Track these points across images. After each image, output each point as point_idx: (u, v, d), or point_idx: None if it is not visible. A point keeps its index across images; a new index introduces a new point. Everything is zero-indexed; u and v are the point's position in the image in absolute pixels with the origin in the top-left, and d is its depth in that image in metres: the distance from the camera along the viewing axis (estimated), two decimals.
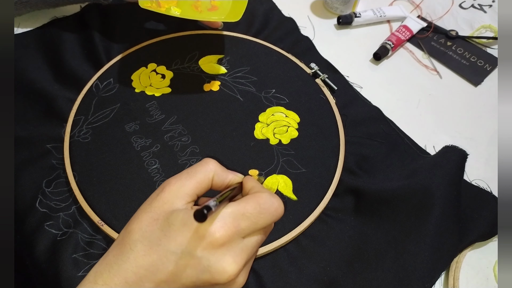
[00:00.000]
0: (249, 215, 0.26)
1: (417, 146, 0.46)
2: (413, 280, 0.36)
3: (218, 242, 0.25)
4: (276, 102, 0.47)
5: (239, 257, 0.26)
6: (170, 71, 0.49)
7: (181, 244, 0.25)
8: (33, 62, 0.50)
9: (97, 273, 0.26)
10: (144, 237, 0.26)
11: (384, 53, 0.55)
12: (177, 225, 0.25)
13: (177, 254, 0.25)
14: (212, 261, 0.25)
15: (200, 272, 0.25)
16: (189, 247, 0.25)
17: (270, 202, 0.27)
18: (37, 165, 0.41)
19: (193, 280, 0.25)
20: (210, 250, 0.25)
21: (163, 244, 0.25)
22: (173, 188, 0.27)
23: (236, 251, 0.26)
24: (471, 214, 0.41)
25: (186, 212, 0.26)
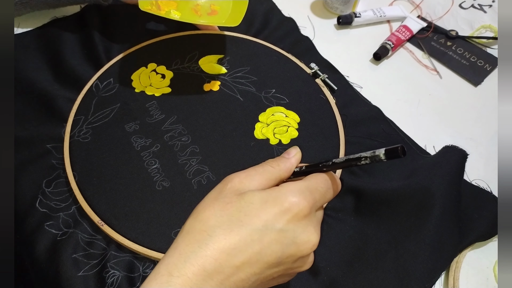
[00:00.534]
0: (321, 189, 0.28)
1: (417, 146, 0.46)
2: (413, 280, 0.36)
3: (302, 213, 0.26)
4: (276, 102, 0.47)
5: (318, 227, 0.27)
6: (170, 71, 0.49)
7: (266, 220, 0.25)
8: (33, 62, 0.50)
9: (169, 265, 0.24)
10: (221, 222, 0.25)
11: (384, 53, 0.55)
12: (257, 203, 0.25)
13: (262, 231, 0.25)
14: (298, 232, 0.26)
15: (285, 246, 0.25)
16: (274, 222, 0.25)
17: (334, 179, 0.29)
18: (37, 165, 0.41)
19: (278, 255, 0.25)
20: (295, 223, 0.25)
21: (245, 224, 0.25)
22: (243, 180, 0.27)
23: (315, 221, 0.27)
24: (471, 214, 0.41)
25: (261, 191, 0.26)
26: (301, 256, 0.26)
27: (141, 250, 0.36)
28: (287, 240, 0.25)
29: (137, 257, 0.37)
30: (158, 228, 0.37)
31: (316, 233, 0.27)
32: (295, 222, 0.25)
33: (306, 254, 0.26)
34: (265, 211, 0.25)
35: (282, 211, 0.25)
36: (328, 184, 0.29)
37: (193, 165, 0.41)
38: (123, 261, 0.36)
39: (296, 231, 0.25)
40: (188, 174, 0.41)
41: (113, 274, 0.35)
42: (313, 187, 0.27)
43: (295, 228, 0.25)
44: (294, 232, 0.25)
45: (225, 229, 0.25)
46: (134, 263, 0.36)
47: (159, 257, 0.35)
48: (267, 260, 0.25)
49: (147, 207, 0.38)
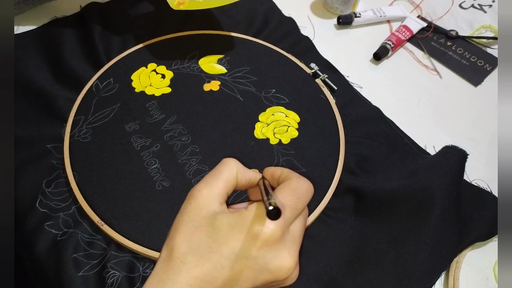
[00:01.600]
0: (290, 203, 0.26)
1: (417, 146, 0.46)
2: (413, 280, 0.36)
3: (272, 238, 0.25)
4: (276, 102, 0.47)
5: (292, 248, 0.26)
6: (170, 71, 0.49)
7: (234, 248, 0.25)
8: (33, 62, 0.50)
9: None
10: (192, 248, 0.25)
11: (384, 53, 0.55)
12: (225, 229, 0.25)
13: (231, 259, 0.25)
14: (269, 258, 0.25)
15: (258, 273, 0.25)
16: (243, 250, 0.25)
17: (301, 185, 0.28)
18: (37, 165, 0.41)
19: (252, 281, 0.25)
20: (265, 248, 0.25)
21: (214, 251, 0.25)
22: (204, 192, 0.27)
23: (288, 243, 0.26)
24: (471, 214, 0.41)
25: (229, 216, 0.26)
26: (277, 281, 0.26)
27: (141, 250, 0.36)
28: (259, 266, 0.25)
29: (137, 257, 0.37)
30: (158, 228, 0.37)
31: (290, 256, 0.25)
32: (265, 248, 0.25)
33: (282, 279, 0.26)
34: (232, 238, 0.25)
35: (250, 238, 0.25)
36: (296, 193, 0.27)
37: (193, 165, 0.41)
38: (123, 261, 0.36)
39: (266, 257, 0.25)
40: (188, 174, 0.41)
41: (113, 274, 0.35)
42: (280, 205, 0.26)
43: (265, 255, 0.25)
44: (265, 259, 0.25)
45: (196, 256, 0.25)
46: (134, 263, 0.36)
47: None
48: (242, 285, 0.25)
49: (147, 207, 0.38)
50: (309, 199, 0.28)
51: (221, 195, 0.27)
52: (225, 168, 0.29)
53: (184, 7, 0.46)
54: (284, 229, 0.25)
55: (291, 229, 0.27)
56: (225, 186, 0.28)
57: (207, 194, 0.27)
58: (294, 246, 0.26)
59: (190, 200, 0.27)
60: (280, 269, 0.25)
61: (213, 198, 0.27)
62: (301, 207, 0.27)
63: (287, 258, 0.25)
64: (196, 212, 0.26)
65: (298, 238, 0.27)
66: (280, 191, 0.27)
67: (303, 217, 0.28)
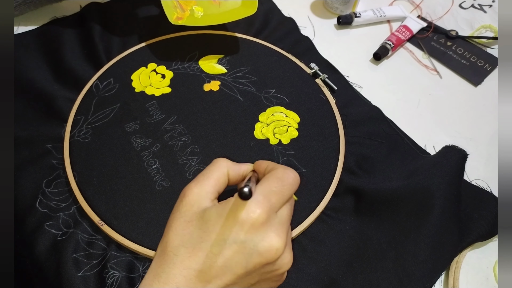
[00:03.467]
0: (276, 189, 0.28)
1: (417, 146, 0.46)
2: (413, 280, 0.36)
3: (258, 221, 0.26)
4: (276, 102, 0.47)
5: (280, 230, 0.27)
6: (170, 71, 0.49)
7: (223, 234, 0.26)
8: (33, 62, 0.50)
9: (146, 286, 0.27)
10: (184, 241, 0.27)
11: (384, 53, 0.55)
12: (213, 219, 0.26)
13: (222, 245, 0.26)
14: (257, 241, 0.26)
15: (248, 256, 0.26)
16: (232, 235, 0.26)
17: (287, 174, 0.29)
18: (37, 165, 0.41)
19: (244, 266, 0.26)
20: (252, 232, 0.26)
21: (205, 241, 0.26)
22: (195, 191, 0.28)
23: (276, 225, 0.27)
24: (471, 214, 0.41)
25: (218, 206, 0.27)
26: (268, 263, 0.27)
27: (141, 250, 0.36)
28: (248, 250, 0.26)
29: (137, 257, 0.37)
30: (158, 228, 0.37)
31: (279, 237, 0.26)
32: (253, 232, 0.26)
33: (272, 260, 0.26)
34: (221, 225, 0.26)
35: (237, 224, 0.26)
36: (281, 181, 0.28)
37: (193, 165, 0.41)
38: (123, 261, 0.36)
39: (254, 240, 0.26)
40: (188, 174, 0.41)
41: (113, 274, 0.35)
42: (267, 190, 0.27)
43: (253, 238, 0.26)
44: (253, 242, 0.26)
45: (188, 247, 0.26)
46: (134, 263, 0.36)
47: None
48: (235, 272, 0.26)
49: (147, 207, 0.38)
50: (295, 187, 0.29)
51: (211, 192, 0.28)
52: (215, 168, 0.30)
53: (182, 22, 0.48)
54: (269, 212, 0.26)
55: (278, 214, 0.28)
56: (215, 184, 0.29)
57: (198, 192, 0.28)
58: (281, 228, 0.27)
59: (182, 198, 0.28)
60: (269, 250, 0.26)
61: (203, 195, 0.28)
62: (287, 194, 0.29)
63: (275, 238, 0.26)
64: (187, 208, 0.28)
65: (286, 222, 0.28)
66: (266, 179, 0.29)
67: (290, 204, 0.30)
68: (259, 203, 0.26)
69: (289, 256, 0.28)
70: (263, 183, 0.28)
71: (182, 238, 0.27)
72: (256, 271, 0.27)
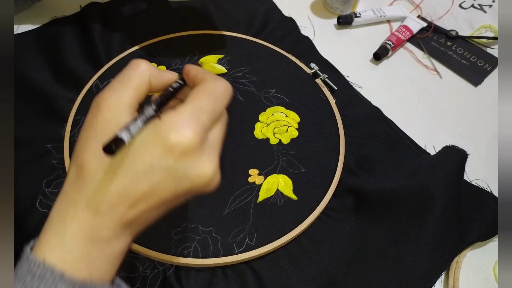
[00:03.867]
0: (206, 106, 0.24)
1: (417, 146, 0.46)
2: (413, 280, 0.36)
3: (190, 147, 0.23)
4: (276, 102, 0.47)
5: (212, 155, 0.25)
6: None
7: (151, 161, 0.23)
8: (33, 62, 0.50)
9: (61, 213, 0.24)
10: (103, 164, 0.23)
11: (384, 53, 0.55)
12: (138, 144, 0.23)
13: (148, 172, 0.23)
14: (189, 168, 0.23)
15: (178, 182, 0.24)
16: (161, 162, 0.23)
17: (218, 86, 0.26)
18: (37, 165, 0.41)
19: (172, 191, 0.24)
20: (184, 158, 0.23)
21: (129, 166, 0.23)
22: (110, 102, 0.24)
23: (207, 150, 0.24)
24: (471, 214, 0.41)
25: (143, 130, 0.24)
26: (199, 189, 0.25)
27: (141, 250, 0.36)
28: (179, 176, 0.23)
29: (137, 257, 0.37)
30: (158, 228, 0.37)
31: (211, 163, 0.24)
32: (184, 158, 0.23)
33: (203, 186, 0.24)
34: (147, 152, 0.23)
35: (167, 150, 0.23)
36: (213, 96, 0.25)
37: None
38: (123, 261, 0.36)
39: (185, 167, 0.23)
40: None
41: None
42: (197, 110, 0.24)
43: (184, 165, 0.23)
44: (184, 169, 0.23)
45: (109, 171, 0.23)
46: (134, 263, 0.36)
47: (159, 257, 0.35)
48: (162, 196, 0.24)
49: None
50: (227, 101, 0.26)
51: (131, 104, 0.25)
52: (134, 72, 0.25)
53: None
54: (202, 136, 0.24)
55: (210, 136, 0.25)
56: (135, 94, 0.25)
57: (115, 104, 0.24)
58: (213, 152, 0.25)
59: (95, 112, 0.24)
60: (201, 177, 0.24)
61: (122, 108, 0.24)
62: (218, 109, 0.26)
63: (207, 165, 0.24)
64: (104, 126, 0.24)
65: (217, 144, 0.26)
66: (195, 95, 0.25)
67: (221, 122, 0.27)
68: (192, 126, 0.23)
69: (218, 178, 0.25)
70: (193, 100, 0.24)
71: (101, 161, 0.23)
72: (185, 194, 0.25)
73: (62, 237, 0.23)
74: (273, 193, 0.40)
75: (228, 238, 0.37)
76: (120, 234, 0.24)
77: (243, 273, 0.36)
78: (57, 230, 0.24)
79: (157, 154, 0.23)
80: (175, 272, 0.35)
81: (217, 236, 0.37)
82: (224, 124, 0.27)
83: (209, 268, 0.36)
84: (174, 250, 0.36)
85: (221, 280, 0.35)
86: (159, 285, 0.35)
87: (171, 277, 0.35)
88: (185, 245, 0.36)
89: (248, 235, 0.37)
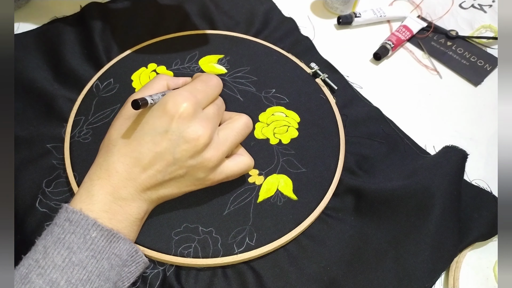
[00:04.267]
0: (200, 88, 0.33)
1: (417, 146, 0.46)
2: (413, 280, 0.36)
3: (185, 113, 0.30)
4: (276, 102, 0.47)
5: (205, 122, 0.31)
6: (170, 71, 0.49)
7: (154, 125, 0.30)
8: (33, 62, 0.49)
9: (90, 174, 0.31)
10: (121, 133, 0.31)
11: (384, 53, 0.55)
12: (147, 114, 0.31)
13: (152, 134, 0.30)
14: (183, 128, 0.30)
15: (175, 142, 0.30)
16: (161, 125, 0.30)
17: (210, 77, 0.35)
18: (37, 165, 0.41)
19: (171, 151, 0.30)
20: (179, 121, 0.30)
21: (138, 131, 0.30)
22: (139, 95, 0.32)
23: (201, 118, 0.31)
24: (471, 214, 0.41)
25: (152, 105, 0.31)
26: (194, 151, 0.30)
27: (141, 250, 0.36)
28: (175, 137, 0.30)
29: None
30: (158, 228, 0.37)
31: (202, 127, 0.30)
32: (180, 121, 0.30)
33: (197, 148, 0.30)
34: (152, 117, 0.30)
35: (167, 115, 0.30)
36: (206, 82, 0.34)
37: None
38: None
39: (181, 128, 0.30)
40: None
41: None
42: (192, 88, 0.32)
43: (180, 126, 0.30)
44: (179, 129, 0.30)
45: (124, 138, 0.31)
46: None
47: (159, 257, 0.35)
48: (165, 158, 0.30)
49: None
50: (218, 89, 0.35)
51: None
52: (156, 80, 0.35)
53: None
54: (195, 107, 0.30)
55: (205, 111, 0.32)
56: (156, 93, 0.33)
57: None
58: (206, 122, 0.31)
59: (125, 105, 0.33)
60: (194, 135, 0.30)
61: None
62: (211, 93, 0.34)
63: (199, 128, 0.30)
64: (127, 110, 0.33)
65: (212, 119, 0.32)
66: (193, 82, 0.34)
67: (216, 105, 0.34)
68: (186, 98, 0.30)
69: (214, 152, 0.31)
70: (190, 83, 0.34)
71: (120, 132, 0.31)
72: (184, 161, 0.30)
73: (90, 191, 0.30)
74: (273, 193, 0.40)
75: (228, 238, 0.37)
76: (135, 197, 0.31)
77: (243, 273, 0.36)
78: (87, 186, 0.30)
79: (158, 119, 0.30)
80: (175, 272, 0.35)
81: (217, 236, 0.37)
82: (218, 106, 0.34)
83: (209, 268, 0.36)
84: (174, 250, 0.36)
85: (221, 280, 0.35)
86: (159, 285, 0.35)
87: (171, 277, 0.35)
88: (185, 245, 0.36)
89: (248, 235, 0.37)
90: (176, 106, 0.30)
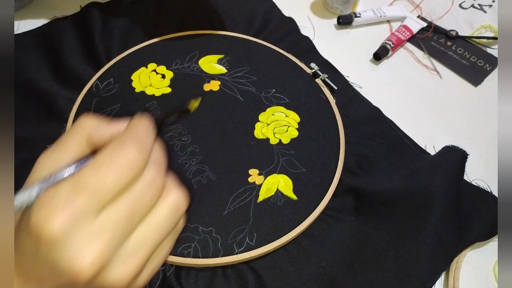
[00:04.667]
0: (86, 184, 0.19)
1: (417, 146, 0.46)
2: (413, 280, 0.36)
3: (52, 234, 0.18)
4: (276, 102, 0.47)
5: (95, 240, 0.19)
6: (170, 71, 0.49)
7: (25, 248, 0.20)
8: (33, 62, 0.49)
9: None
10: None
11: (384, 53, 0.55)
12: (22, 228, 0.20)
13: (27, 258, 0.20)
14: (55, 257, 0.19)
15: (50, 275, 0.19)
16: (31, 250, 0.19)
17: (117, 153, 0.20)
18: None
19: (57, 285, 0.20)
20: (49, 246, 0.18)
21: (17, 248, 0.21)
22: (42, 163, 0.23)
23: (85, 235, 0.19)
24: (471, 214, 0.41)
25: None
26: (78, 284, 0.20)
27: None
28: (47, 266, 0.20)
29: None
30: None
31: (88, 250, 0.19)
32: (49, 246, 0.19)
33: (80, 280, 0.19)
34: (20, 238, 0.21)
35: (33, 236, 0.19)
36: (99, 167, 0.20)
37: (193, 165, 0.41)
38: None
39: (52, 256, 0.19)
40: (188, 173, 0.41)
41: None
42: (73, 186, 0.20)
43: (50, 253, 0.19)
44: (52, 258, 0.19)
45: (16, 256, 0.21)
46: None
47: None
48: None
49: None
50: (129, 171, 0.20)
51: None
52: (73, 131, 0.23)
53: None
54: (71, 221, 0.19)
55: (101, 217, 0.20)
56: (73, 155, 0.23)
57: (43, 172, 0.24)
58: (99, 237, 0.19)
59: (31, 175, 0.24)
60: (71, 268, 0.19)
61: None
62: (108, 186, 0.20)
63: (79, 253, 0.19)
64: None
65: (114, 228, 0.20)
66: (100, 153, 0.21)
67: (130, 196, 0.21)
68: (53, 211, 0.19)
69: (118, 273, 0.20)
70: (75, 173, 0.20)
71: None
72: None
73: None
74: (273, 193, 0.40)
75: (228, 238, 0.37)
76: None
77: (243, 273, 0.36)
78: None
79: (26, 241, 0.20)
80: (175, 272, 0.35)
81: (217, 236, 0.37)
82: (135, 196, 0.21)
83: (209, 268, 0.36)
84: (174, 250, 0.36)
85: (221, 280, 0.35)
86: (159, 284, 0.35)
87: (171, 277, 0.35)
88: (185, 245, 0.36)
89: (248, 235, 0.37)
90: (39, 222, 0.18)
